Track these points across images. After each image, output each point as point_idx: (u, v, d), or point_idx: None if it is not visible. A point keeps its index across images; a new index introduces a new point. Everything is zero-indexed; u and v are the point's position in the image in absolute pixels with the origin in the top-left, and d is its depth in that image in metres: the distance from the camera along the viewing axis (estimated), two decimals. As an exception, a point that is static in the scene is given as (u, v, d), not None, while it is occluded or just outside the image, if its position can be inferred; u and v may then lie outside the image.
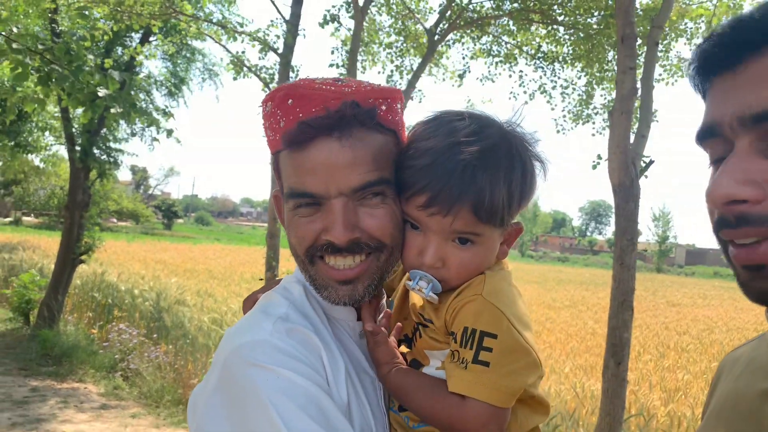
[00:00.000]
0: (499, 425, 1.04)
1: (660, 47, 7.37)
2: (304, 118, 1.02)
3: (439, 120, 1.12)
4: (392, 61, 9.20)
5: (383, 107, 1.08)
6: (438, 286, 1.09)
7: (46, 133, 14.04)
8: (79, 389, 8.04)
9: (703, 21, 7.13)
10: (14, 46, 3.72)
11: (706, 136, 0.80)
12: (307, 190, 1.04)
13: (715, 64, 0.79)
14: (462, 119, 1.09)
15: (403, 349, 1.21)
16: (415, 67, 8.58)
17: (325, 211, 1.06)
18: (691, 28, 7.59)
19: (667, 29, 7.37)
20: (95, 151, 10.72)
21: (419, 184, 1.05)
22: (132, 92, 4.27)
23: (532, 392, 1.12)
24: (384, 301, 1.27)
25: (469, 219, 1.04)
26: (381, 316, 1.24)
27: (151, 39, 10.79)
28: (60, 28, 9.45)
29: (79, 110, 10.25)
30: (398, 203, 1.10)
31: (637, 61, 4.46)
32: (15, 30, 3.92)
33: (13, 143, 13.63)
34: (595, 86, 8.87)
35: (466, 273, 1.10)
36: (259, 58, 7.26)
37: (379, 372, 1.14)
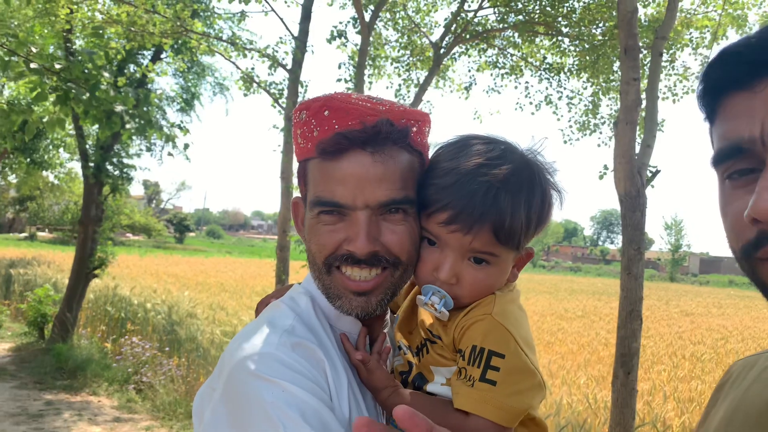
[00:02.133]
0: None
1: (666, 57, 7.39)
2: (340, 130, 1.06)
3: (463, 142, 1.16)
4: (399, 75, 9.30)
5: (414, 128, 1.13)
6: (450, 302, 1.12)
7: (61, 150, 14.28)
8: (92, 402, 8.12)
9: (708, 31, 7.16)
10: (32, 66, 3.84)
11: (732, 155, 0.76)
12: (335, 199, 1.07)
13: (729, 83, 0.77)
14: (487, 143, 1.14)
15: (411, 358, 1.23)
16: (421, 81, 8.66)
17: (348, 222, 1.09)
18: (696, 38, 7.61)
19: (671, 39, 7.40)
20: (108, 166, 10.89)
21: (443, 201, 1.08)
22: (146, 108, 4.37)
23: (533, 414, 1.14)
24: (388, 316, 1.29)
25: (488, 239, 1.08)
26: (386, 328, 1.27)
27: (162, 56, 10.98)
28: (74, 47, 9.65)
29: (95, 127, 10.45)
30: (417, 222, 1.13)
31: (642, 71, 4.51)
32: (33, 50, 4.05)
33: (29, 160, 13.88)
34: (601, 96, 8.90)
35: (478, 292, 1.13)
36: (269, 74, 7.39)
37: (378, 397, 1.16)
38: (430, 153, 1.20)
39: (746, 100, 0.74)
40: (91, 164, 10.70)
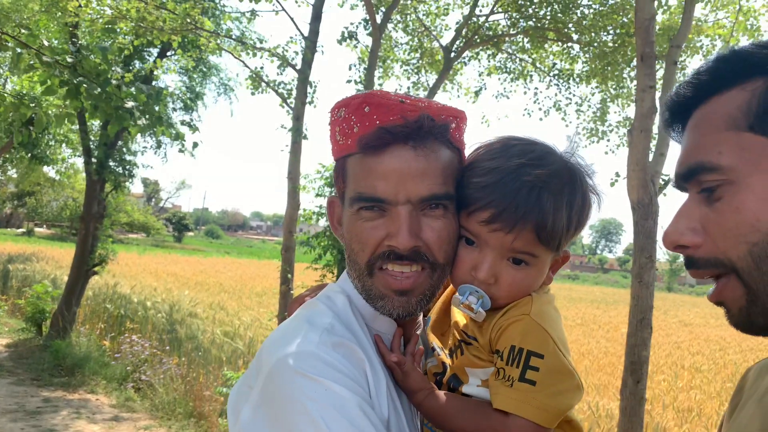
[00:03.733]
0: None
1: (677, 65, 7.38)
2: (382, 125, 1.05)
3: (504, 142, 1.15)
4: (408, 78, 9.30)
5: (453, 125, 1.12)
6: (488, 303, 1.10)
7: (63, 146, 14.24)
8: (90, 400, 8.05)
9: (720, 39, 7.15)
10: (44, 59, 3.81)
11: (679, 187, 0.89)
12: (377, 194, 1.06)
13: (680, 116, 0.89)
14: (527, 144, 1.14)
15: (445, 359, 1.21)
16: (431, 84, 8.65)
17: (389, 218, 1.07)
18: (707, 45, 7.60)
19: (683, 46, 7.40)
20: (111, 163, 10.86)
21: (485, 200, 1.07)
22: (157, 106, 4.34)
23: (570, 417, 1.13)
24: (421, 318, 1.28)
25: (530, 239, 1.07)
26: (419, 330, 1.25)
27: (168, 54, 10.96)
28: (79, 42, 9.63)
29: (98, 122, 10.42)
30: (456, 220, 1.12)
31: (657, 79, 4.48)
32: (45, 44, 4.01)
33: (30, 155, 13.83)
34: (610, 103, 8.89)
35: (515, 292, 1.11)
36: (278, 74, 7.36)
37: (413, 399, 1.15)
38: (467, 152, 1.19)
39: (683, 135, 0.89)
40: (94, 160, 10.66)
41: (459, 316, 1.20)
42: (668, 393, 9.63)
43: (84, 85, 3.89)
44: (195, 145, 5.38)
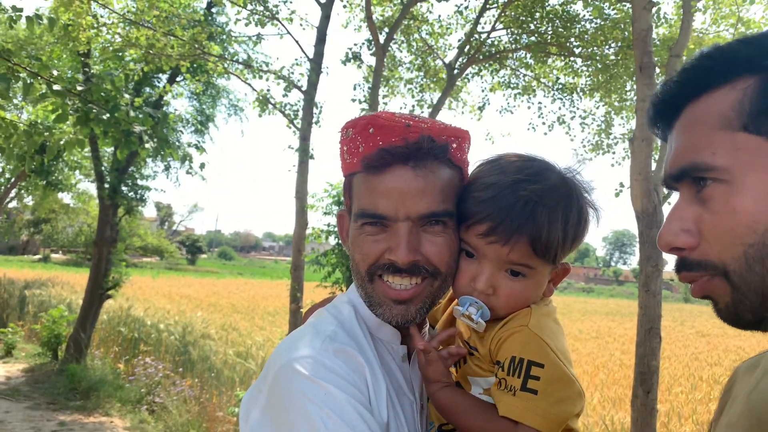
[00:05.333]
0: None
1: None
2: (383, 146, 1.12)
3: (502, 159, 1.21)
4: (413, 96, 9.39)
5: (454, 145, 1.18)
6: (487, 313, 1.14)
7: (76, 172, 14.46)
8: (105, 423, 8.09)
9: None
10: (54, 88, 3.93)
11: (670, 186, 0.88)
12: (378, 211, 1.13)
13: (666, 114, 0.88)
14: (525, 160, 1.19)
15: (451, 370, 1.26)
16: (435, 102, 8.73)
17: (390, 233, 1.14)
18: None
19: (684, 58, 7.42)
20: (123, 188, 11.02)
21: (482, 213, 1.12)
22: (165, 129, 4.45)
23: (572, 426, 1.15)
24: (426, 328, 1.32)
25: (526, 251, 1.11)
26: (427, 339, 1.29)
27: (178, 79, 11.16)
28: (91, 71, 9.84)
29: (110, 149, 10.59)
30: (457, 235, 1.17)
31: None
32: (55, 73, 4.15)
33: (45, 182, 14.07)
34: (614, 116, 8.91)
35: (514, 303, 1.15)
36: (284, 96, 7.48)
37: (430, 389, 1.19)
38: (470, 169, 1.24)
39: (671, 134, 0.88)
40: (107, 185, 10.83)
41: (462, 327, 1.25)
42: (686, 405, 9.49)
43: (93, 111, 4.01)
44: (202, 165, 5.50)
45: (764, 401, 0.83)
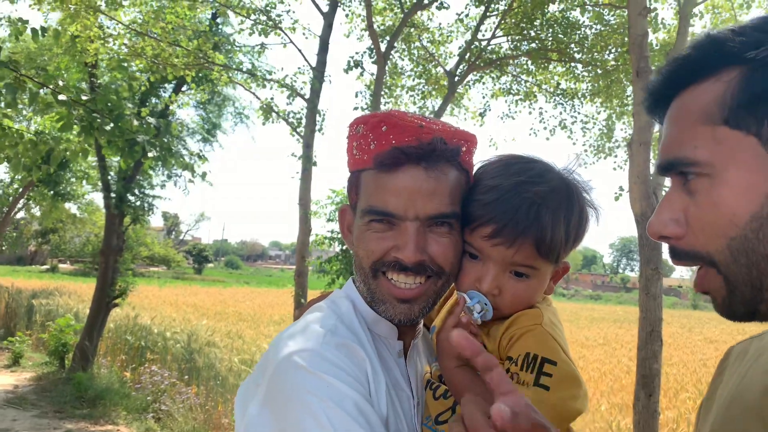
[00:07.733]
0: None
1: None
2: (397, 145, 1.13)
3: (505, 161, 1.23)
4: (415, 103, 9.45)
5: (463, 148, 1.19)
6: (490, 315, 1.17)
7: (84, 182, 14.59)
8: (112, 431, 8.13)
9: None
10: (60, 98, 4.01)
11: (663, 174, 0.90)
12: (388, 209, 1.14)
13: (660, 102, 0.89)
14: (526, 162, 1.21)
15: None
16: (437, 109, 8.79)
17: (397, 231, 1.15)
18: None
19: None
20: (130, 197, 11.10)
21: (487, 216, 1.14)
22: (167, 138, 4.52)
23: (570, 428, 1.17)
24: (421, 325, 1.32)
25: (530, 253, 1.13)
26: (419, 336, 1.30)
27: (183, 89, 11.27)
28: (99, 81, 9.97)
29: (116, 158, 10.69)
30: (461, 236, 1.19)
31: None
32: (60, 84, 4.22)
33: (52, 192, 14.20)
34: (615, 120, 8.94)
35: (518, 303, 1.18)
36: (287, 104, 7.56)
37: (446, 364, 1.17)
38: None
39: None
40: (113, 195, 10.91)
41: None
42: (694, 411, 9.43)
43: (97, 120, 4.08)
44: (204, 175, 5.56)
45: (752, 392, 0.84)
